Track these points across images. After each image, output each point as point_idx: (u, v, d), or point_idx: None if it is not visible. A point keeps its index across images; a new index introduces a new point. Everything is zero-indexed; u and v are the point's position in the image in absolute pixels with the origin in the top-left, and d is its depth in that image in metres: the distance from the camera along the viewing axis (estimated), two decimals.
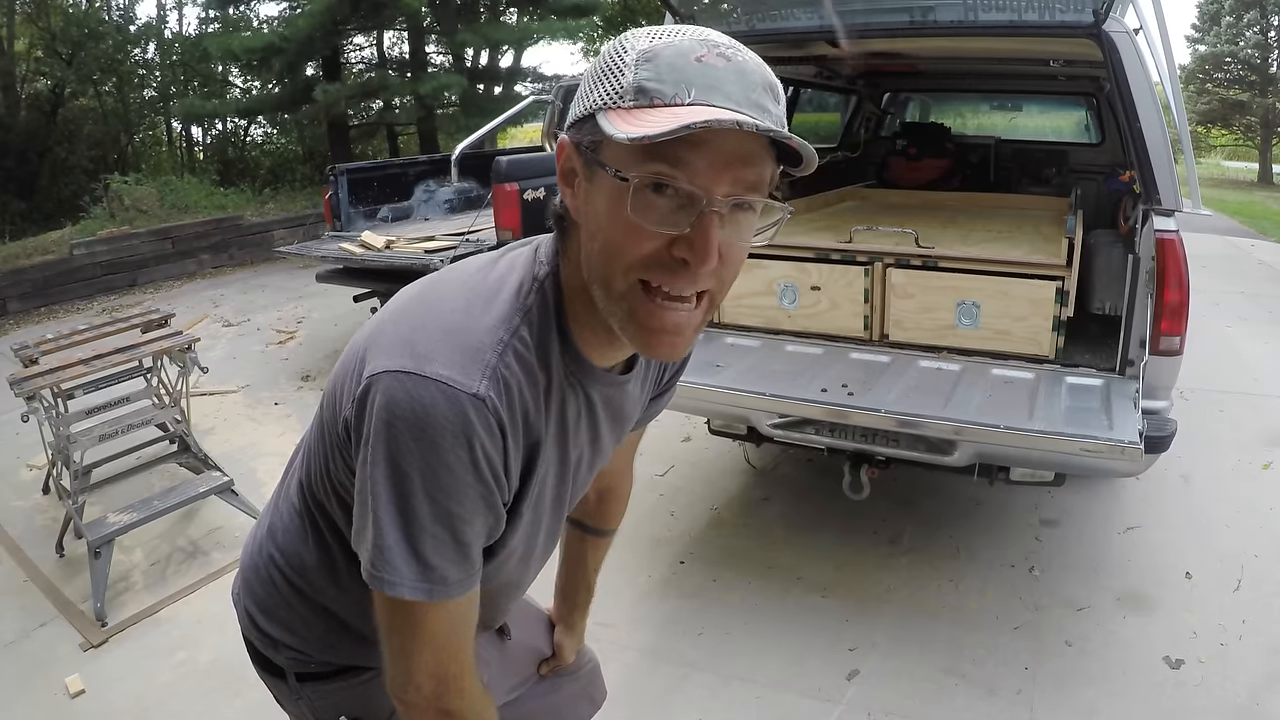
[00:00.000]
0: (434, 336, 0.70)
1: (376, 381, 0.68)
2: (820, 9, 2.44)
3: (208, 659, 2.32)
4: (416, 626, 0.73)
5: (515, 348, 0.71)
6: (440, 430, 0.67)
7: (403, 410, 0.67)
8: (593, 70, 0.68)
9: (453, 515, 0.70)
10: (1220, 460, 3.34)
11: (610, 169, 0.64)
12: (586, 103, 0.67)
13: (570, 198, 0.71)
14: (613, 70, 0.66)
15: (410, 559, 0.70)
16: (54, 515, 3.10)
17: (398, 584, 0.70)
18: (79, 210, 8.61)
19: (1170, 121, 2.22)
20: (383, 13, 9.41)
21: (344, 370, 0.77)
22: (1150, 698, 2.06)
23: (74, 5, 11.04)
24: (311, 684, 0.95)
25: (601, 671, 1.35)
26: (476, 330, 0.70)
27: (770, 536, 2.86)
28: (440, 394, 0.66)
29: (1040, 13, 2.15)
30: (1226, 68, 20.19)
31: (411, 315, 0.73)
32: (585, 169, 0.68)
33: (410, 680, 0.75)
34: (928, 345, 2.57)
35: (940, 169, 4.51)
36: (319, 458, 0.83)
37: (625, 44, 0.67)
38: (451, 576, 0.72)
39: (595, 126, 0.64)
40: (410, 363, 0.68)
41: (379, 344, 0.72)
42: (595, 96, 0.66)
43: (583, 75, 0.69)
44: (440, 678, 0.75)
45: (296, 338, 5.54)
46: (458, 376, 0.67)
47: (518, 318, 0.72)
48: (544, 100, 6.68)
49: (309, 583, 0.90)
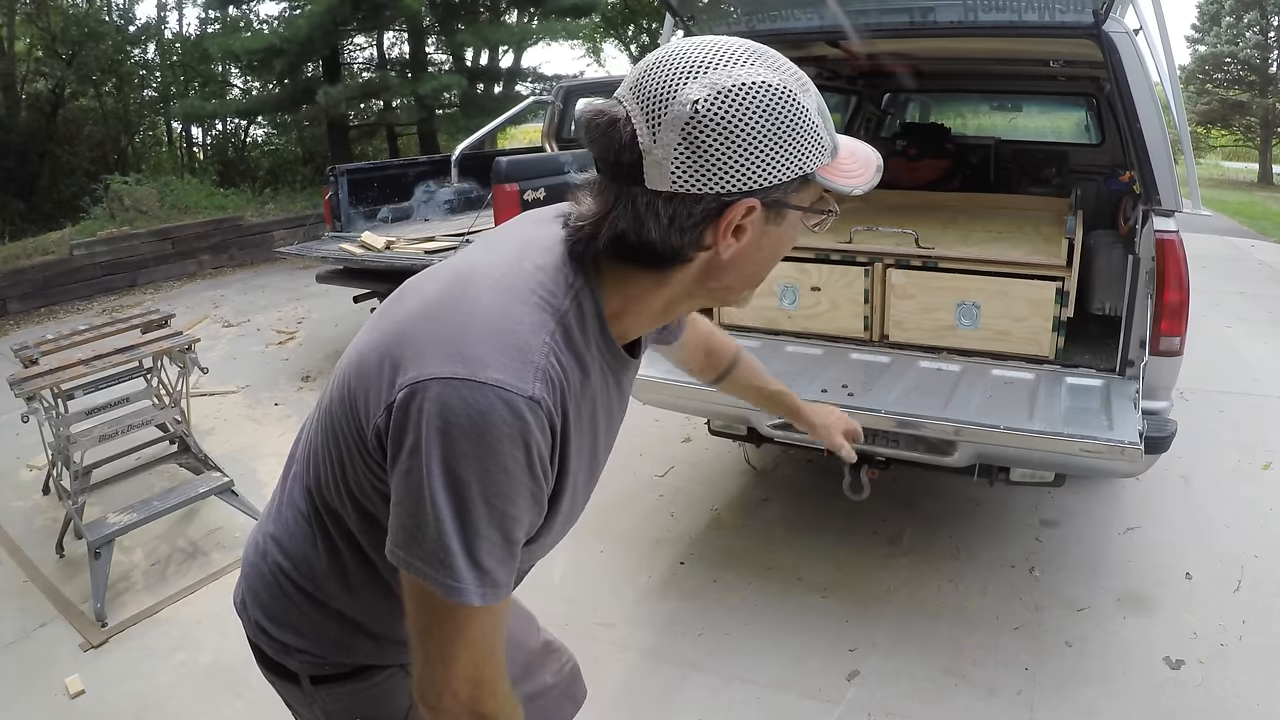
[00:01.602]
0: (481, 339, 0.69)
1: (424, 389, 0.68)
2: (820, 9, 2.45)
3: (208, 659, 2.32)
4: (459, 630, 0.73)
5: (557, 347, 0.73)
6: (499, 435, 0.67)
7: (459, 417, 0.67)
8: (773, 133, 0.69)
9: (507, 516, 0.71)
10: (1220, 460, 3.34)
11: (804, 208, 0.75)
12: (790, 165, 0.71)
13: (732, 244, 0.74)
14: (809, 132, 0.71)
15: (469, 565, 0.70)
16: (54, 516, 3.10)
17: (462, 589, 0.70)
18: (79, 211, 8.61)
19: (1170, 122, 2.22)
20: (383, 13, 9.41)
21: (364, 374, 0.75)
22: (1150, 698, 2.06)
23: (74, 5, 11.04)
24: (326, 686, 0.95)
25: (581, 671, 1.34)
26: (522, 332, 0.71)
27: (770, 537, 2.86)
28: (499, 399, 0.67)
29: (1040, 13, 2.15)
30: (1226, 68, 20.19)
31: (448, 318, 0.72)
32: (767, 214, 0.73)
33: (447, 686, 0.75)
34: (928, 346, 2.57)
35: (940, 169, 4.50)
36: (330, 463, 0.83)
37: (797, 101, 0.70)
38: (502, 579, 0.73)
39: (808, 183, 0.73)
40: (463, 369, 0.68)
41: (414, 348, 0.71)
42: (804, 159, 0.72)
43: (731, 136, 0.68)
44: (476, 681, 0.75)
45: (296, 338, 5.54)
46: (512, 380, 0.68)
47: (555, 318, 0.73)
48: (544, 101, 6.67)
49: (319, 587, 0.90)
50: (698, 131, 0.68)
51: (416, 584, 0.72)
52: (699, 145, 0.68)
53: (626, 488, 3.21)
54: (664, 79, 0.69)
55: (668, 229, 0.71)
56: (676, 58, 0.70)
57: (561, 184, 4.19)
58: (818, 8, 2.45)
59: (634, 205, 0.71)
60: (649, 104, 0.69)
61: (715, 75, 0.68)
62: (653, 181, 0.70)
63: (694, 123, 0.68)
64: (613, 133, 0.71)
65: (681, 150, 0.68)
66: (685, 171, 0.69)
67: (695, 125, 0.68)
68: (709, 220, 0.71)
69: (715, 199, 0.70)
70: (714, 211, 0.71)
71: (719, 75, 0.68)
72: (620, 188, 0.72)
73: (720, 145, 0.68)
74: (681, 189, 0.69)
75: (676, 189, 0.69)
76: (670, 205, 0.70)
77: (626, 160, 0.70)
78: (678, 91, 0.68)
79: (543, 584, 2.60)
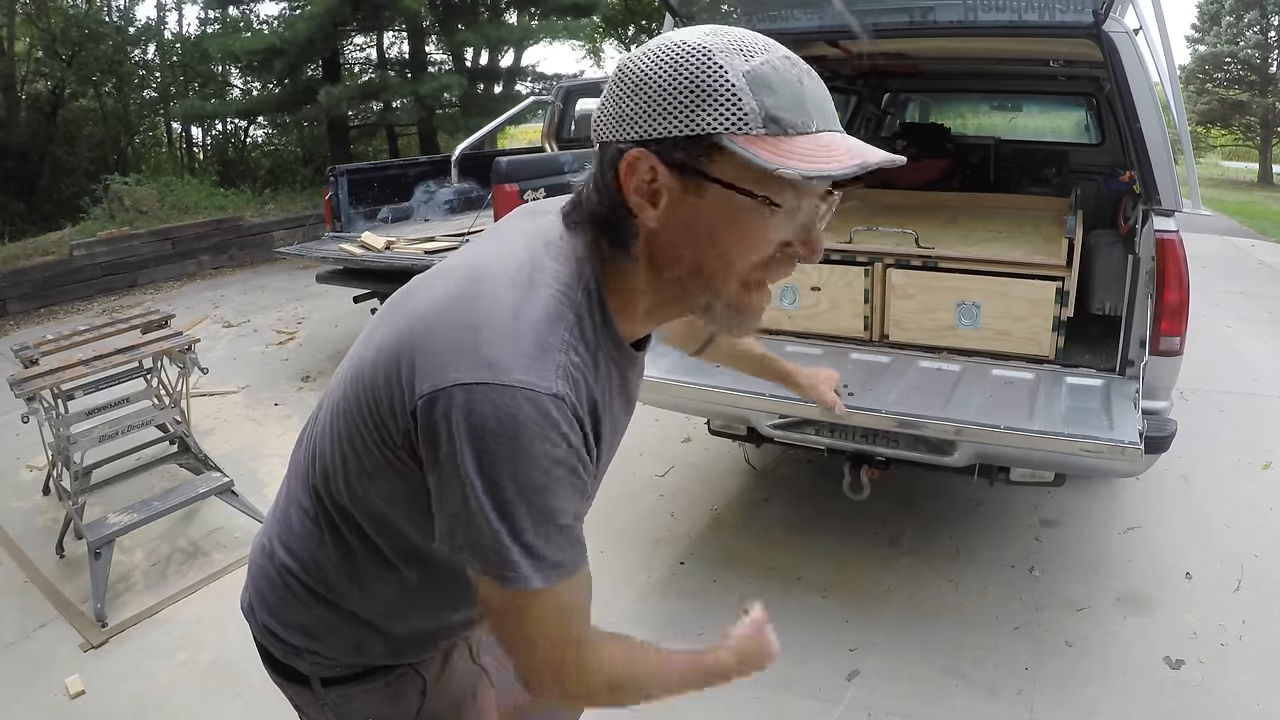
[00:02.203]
0: (501, 342, 0.69)
1: (449, 396, 0.68)
2: (820, 9, 2.45)
3: (208, 659, 2.32)
4: (527, 620, 0.74)
5: (575, 343, 0.73)
6: (530, 435, 0.68)
7: (489, 422, 0.67)
8: (673, 86, 0.67)
9: (549, 508, 0.71)
10: (1220, 460, 3.34)
11: (740, 190, 0.68)
12: (689, 123, 0.67)
13: (649, 209, 0.72)
14: (719, 91, 0.66)
15: (523, 554, 0.71)
16: (54, 516, 3.10)
17: (517, 576, 0.71)
18: (79, 211, 8.61)
19: (1170, 121, 2.22)
20: (382, 13, 9.41)
21: (382, 374, 0.75)
22: (1150, 698, 2.06)
23: (74, 6, 11.04)
24: (337, 688, 0.94)
25: None
26: (540, 331, 0.71)
27: (770, 537, 2.86)
28: (525, 400, 0.68)
29: (1040, 13, 2.15)
30: (1226, 68, 20.20)
31: (465, 318, 0.72)
32: (682, 183, 0.70)
33: (533, 674, 0.77)
34: (928, 346, 2.57)
35: (940, 169, 4.50)
36: (341, 461, 0.82)
37: (714, 60, 0.67)
38: (565, 559, 0.73)
39: (715, 149, 0.67)
40: (487, 373, 0.68)
41: (434, 350, 0.71)
42: (707, 118, 0.67)
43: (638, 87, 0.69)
44: (558, 665, 0.76)
45: (296, 338, 5.54)
46: (536, 380, 0.68)
47: (572, 314, 0.74)
48: (544, 100, 6.67)
49: (329, 587, 0.89)
50: (614, 82, 0.72)
51: (482, 581, 0.74)
52: (612, 95, 0.72)
53: (626, 488, 3.21)
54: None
55: (599, 181, 0.74)
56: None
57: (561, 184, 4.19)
58: (817, 8, 2.45)
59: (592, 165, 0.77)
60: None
61: (655, 40, 0.72)
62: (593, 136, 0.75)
63: (615, 75, 0.72)
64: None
65: (602, 101, 0.73)
66: (601, 120, 0.73)
67: (615, 77, 0.72)
68: (613, 169, 0.72)
69: (613, 146, 0.72)
70: (614, 159, 0.72)
71: (657, 39, 0.71)
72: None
73: (626, 94, 0.70)
74: (599, 138, 0.74)
75: (599, 138, 0.74)
76: (598, 157, 0.74)
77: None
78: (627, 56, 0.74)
79: None
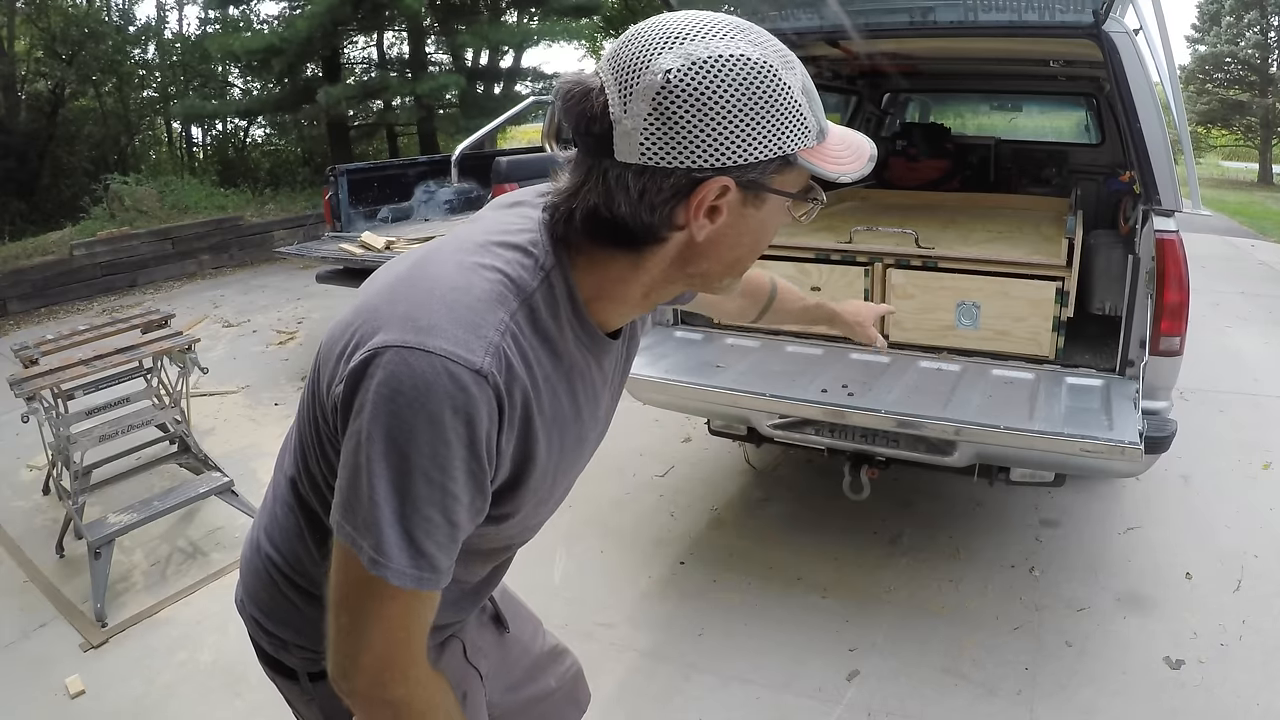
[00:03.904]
0: (436, 312, 0.69)
1: (375, 356, 0.67)
2: (820, 9, 2.45)
3: (208, 659, 2.32)
4: (377, 607, 0.71)
5: (517, 327, 0.72)
6: (441, 404, 0.66)
7: (404, 385, 0.66)
8: (750, 109, 0.66)
9: (447, 494, 0.69)
10: (1220, 460, 3.34)
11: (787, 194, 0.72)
12: (771, 147, 0.68)
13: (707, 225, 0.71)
14: (790, 111, 0.68)
15: (404, 544, 0.69)
16: (54, 516, 3.10)
17: (386, 567, 0.69)
18: (79, 211, 8.60)
19: (1170, 122, 2.22)
20: (382, 13, 9.41)
21: (329, 354, 0.75)
22: (1150, 698, 2.06)
23: (74, 5, 11.04)
24: (324, 683, 0.94)
25: (584, 675, 1.34)
26: (479, 308, 0.70)
27: (770, 537, 2.86)
28: (444, 368, 0.66)
29: (1040, 13, 2.15)
30: (1226, 68, 20.21)
31: (408, 293, 0.72)
32: (745, 198, 0.71)
33: (355, 662, 0.73)
34: (928, 346, 2.57)
35: (940, 169, 4.51)
36: (315, 451, 0.82)
37: (780, 78, 0.68)
38: (441, 565, 0.72)
39: (789, 165, 0.70)
40: (412, 337, 0.67)
41: (373, 322, 0.70)
42: (786, 140, 0.68)
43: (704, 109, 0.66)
44: (387, 662, 0.74)
45: (296, 338, 5.54)
46: (461, 351, 0.67)
47: (519, 298, 0.73)
48: (544, 101, 6.67)
49: (311, 580, 0.89)
50: (668, 102, 0.65)
51: (344, 550, 0.71)
52: (669, 117, 0.65)
53: (626, 488, 3.21)
54: (639, 49, 0.67)
55: (637, 204, 0.69)
56: (655, 28, 0.68)
57: None
58: (817, 8, 2.45)
59: (605, 179, 0.69)
60: (622, 74, 0.67)
61: (691, 46, 0.66)
62: (622, 154, 0.68)
63: (665, 93, 0.65)
64: (586, 103, 0.69)
65: (651, 121, 0.66)
66: (654, 144, 0.66)
67: (666, 95, 0.65)
68: (680, 197, 0.69)
69: (686, 174, 0.67)
70: (685, 188, 0.68)
71: (695, 46, 0.66)
72: (593, 161, 0.70)
73: (691, 118, 0.65)
74: (650, 162, 0.67)
75: (645, 162, 0.67)
76: (640, 179, 0.68)
77: (597, 131, 0.68)
78: (651, 61, 0.66)
79: (543, 584, 2.61)
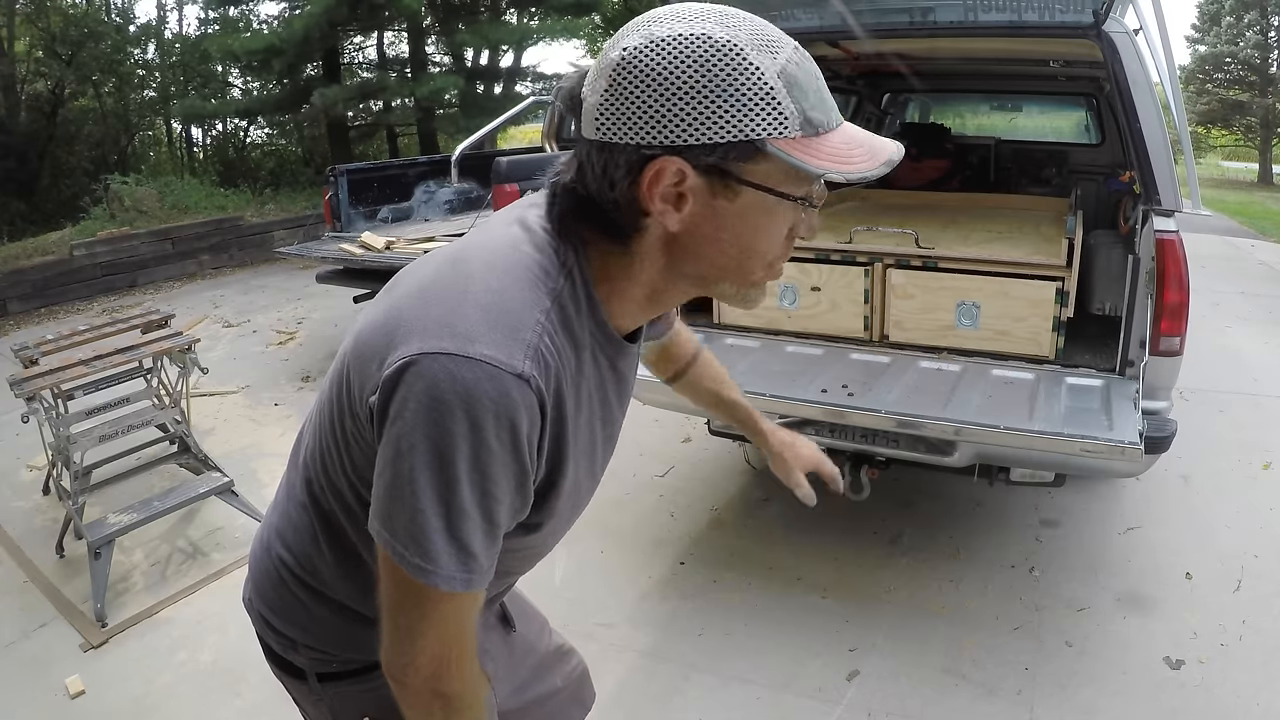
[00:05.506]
0: (472, 317, 0.69)
1: (414, 364, 0.67)
2: (820, 9, 2.45)
3: (208, 659, 2.32)
4: (429, 610, 0.73)
5: (551, 327, 0.72)
6: (485, 411, 0.66)
7: (446, 392, 0.66)
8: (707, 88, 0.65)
9: (490, 497, 0.70)
10: (1220, 460, 3.34)
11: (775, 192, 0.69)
12: (730, 129, 0.66)
13: (673, 212, 0.70)
14: (758, 96, 0.66)
15: (451, 549, 0.69)
16: (54, 516, 3.10)
17: (434, 573, 0.70)
18: (79, 211, 8.60)
19: (1170, 122, 2.22)
20: (381, 13, 9.41)
21: (361, 358, 0.75)
22: (1150, 698, 2.06)
23: (74, 5, 11.05)
24: (333, 684, 0.94)
25: (590, 674, 1.34)
26: (514, 310, 0.70)
27: (770, 537, 2.86)
28: (485, 374, 0.66)
29: (1040, 13, 2.15)
30: (1226, 68, 20.22)
31: (440, 297, 0.72)
32: (711, 186, 0.69)
33: (411, 661, 0.75)
34: (928, 346, 2.57)
35: (940, 169, 4.50)
36: (332, 453, 0.82)
37: (747, 60, 0.65)
38: (484, 563, 0.73)
39: (763, 155, 0.67)
40: (451, 344, 0.67)
41: (407, 328, 0.70)
42: (749, 125, 0.66)
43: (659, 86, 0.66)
44: (442, 660, 0.75)
45: (296, 338, 5.54)
46: (502, 356, 0.67)
47: (551, 296, 0.73)
48: (544, 101, 6.66)
49: (323, 581, 0.89)
50: (621, 77, 0.67)
51: (389, 560, 0.72)
52: (621, 91, 0.67)
53: (626, 488, 3.21)
54: (618, 34, 0.70)
55: (601, 179, 0.71)
56: (640, 16, 0.71)
57: None
58: (817, 8, 2.45)
59: (577, 157, 0.72)
60: (599, 58, 0.70)
61: (656, 27, 0.67)
62: (586, 130, 0.70)
63: (619, 68, 0.67)
64: (572, 88, 0.73)
65: (605, 95, 0.68)
66: (607, 119, 0.68)
67: (621, 70, 0.67)
68: (632, 174, 0.69)
69: (635, 150, 0.68)
70: (636, 165, 0.68)
71: (660, 27, 0.67)
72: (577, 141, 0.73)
73: (640, 93, 0.66)
74: (605, 136, 0.69)
75: (601, 137, 0.69)
76: (602, 155, 0.70)
77: (574, 113, 0.72)
78: (620, 41, 0.69)
79: (543, 584, 2.60)
